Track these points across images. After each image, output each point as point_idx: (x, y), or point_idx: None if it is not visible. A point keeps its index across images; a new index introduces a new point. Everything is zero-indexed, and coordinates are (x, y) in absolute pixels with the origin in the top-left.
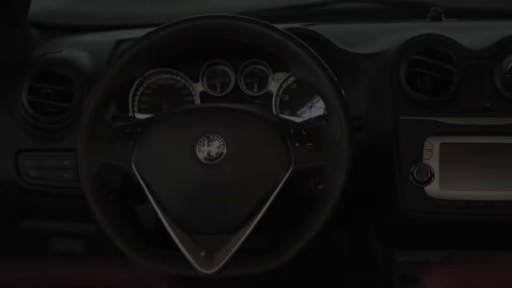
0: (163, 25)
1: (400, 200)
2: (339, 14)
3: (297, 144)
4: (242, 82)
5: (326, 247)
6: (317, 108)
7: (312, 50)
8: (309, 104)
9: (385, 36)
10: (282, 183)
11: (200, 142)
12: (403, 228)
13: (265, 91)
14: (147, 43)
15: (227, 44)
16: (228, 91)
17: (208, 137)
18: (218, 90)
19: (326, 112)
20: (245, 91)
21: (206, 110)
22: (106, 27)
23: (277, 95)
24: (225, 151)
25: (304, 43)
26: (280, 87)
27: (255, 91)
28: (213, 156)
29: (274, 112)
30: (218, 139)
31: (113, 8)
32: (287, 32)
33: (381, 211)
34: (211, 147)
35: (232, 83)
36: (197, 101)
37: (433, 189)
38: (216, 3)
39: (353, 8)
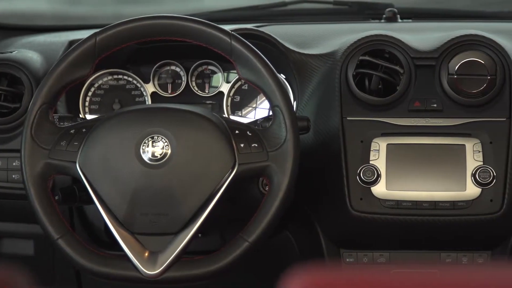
0: (109, 25)
1: (347, 201)
2: (297, 15)
3: (242, 145)
4: (194, 83)
5: (276, 247)
6: (263, 109)
7: (257, 50)
8: (258, 105)
9: (338, 37)
10: (226, 184)
11: (145, 143)
12: (350, 228)
13: (217, 91)
14: (93, 43)
15: (179, 44)
16: (179, 91)
17: (152, 137)
18: (169, 91)
19: (271, 113)
20: (196, 92)
21: (151, 111)
22: (61, 28)
23: (228, 95)
24: (169, 151)
25: (249, 43)
26: (231, 87)
27: (207, 91)
28: (157, 157)
29: (225, 113)
30: (163, 139)
31: (70, 9)
32: (232, 32)
33: (328, 211)
34: (155, 148)
35: (183, 83)
36: (148, 101)
37: (379, 189)
38: (170, 5)
39: (310, 9)
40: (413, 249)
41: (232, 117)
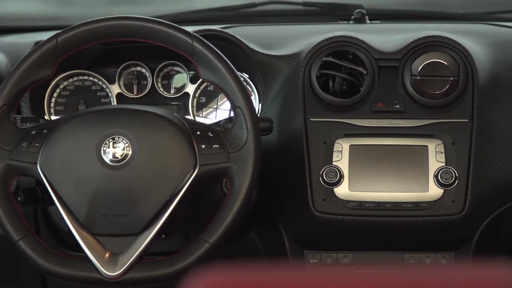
0: (71, 26)
1: (309, 202)
2: (267, 16)
3: (203, 146)
4: (159, 84)
5: (241, 248)
6: (224, 110)
7: (218, 52)
8: (219, 106)
9: (305, 38)
10: (187, 185)
11: (105, 144)
12: (313, 229)
13: (182, 92)
14: (54, 43)
15: (144, 45)
16: (145, 92)
17: (113, 138)
18: (135, 92)
19: (233, 114)
20: (161, 93)
21: (111, 112)
22: (30, 29)
23: (193, 96)
24: (130, 152)
25: (210, 44)
26: (197, 88)
27: (172, 92)
28: (118, 158)
29: (191, 114)
30: (123, 140)
31: (37, 10)
32: (194, 33)
33: (292, 212)
34: (116, 149)
35: (149, 84)
36: (114, 102)
37: (342, 190)
38: (142, 7)
39: (280, 10)
40: (376, 250)
41: (195, 118)
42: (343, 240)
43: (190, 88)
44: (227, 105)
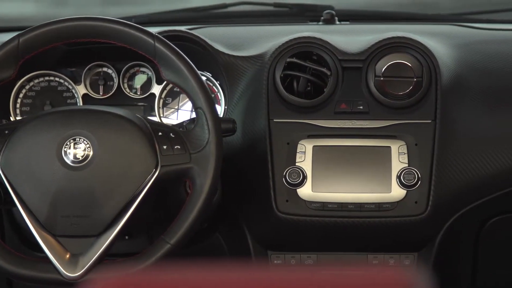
0: (33, 26)
1: (273, 203)
2: (238, 17)
3: (165, 147)
4: (125, 85)
5: (206, 249)
6: (186, 111)
7: (181, 52)
8: (180, 107)
9: (272, 39)
10: (148, 185)
11: (66, 144)
12: (277, 230)
13: (148, 93)
14: (15, 44)
15: (111, 46)
16: (111, 93)
17: (74, 139)
18: (101, 93)
19: (195, 115)
20: (128, 94)
21: (72, 112)
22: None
23: (160, 97)
24: (91, 153)
25: (173, 45)
26: (163, 89)
27: (139, 93)
28: (79, 158)
29: (157, 115)
30: (84, 141)
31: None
32: (156, 34)
33: (255, 213)
34: (77, 150)
35: (115, 85)
36: (80, 103)
37: (305, 191)
38: (111, 8)
39: (251, 11)
40: (340, 250)
41: (155, 119)
42: (307, 241)
43: (156, 89)
44: (190, 105)
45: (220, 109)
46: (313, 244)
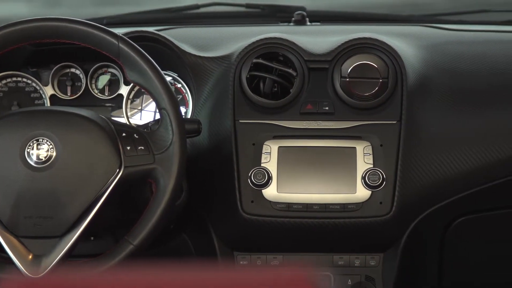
0: None
1: (238, 204)
2: (210, 18)
3: (129, 148)
4: (93, 85)
5: (173, 250)
6: (149, 111)
7: (145, 53)
8: (144, 107)
9: (241, 40)
10: (112, 186)
11: (29, 145)
12: (242, 231)
13: (116, 94)
14: None
15: (78, 46)
16: (78, 94)
17: (37, 140)
18: (69, 94)
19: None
20: (96, 95)
21: (35, 113)
22: None
23: (127, 98)
24: (54, 154)
25: (137, 46)
26: (131, 90)
27: (106, 94)
28: (42, 159)
29: (124, 115)
30: (47, 142)
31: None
32: (120, 35)
33: (221, 214)
34: (40, 151)
35: (83, 86)
36: (47, 104)
37: (270, 192)
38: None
39: (223, 12)
40: (306, 251)
41: (123, 120)
42: (272, 242)
43: (124, 90)
44: (152, 106)
45: (188, 110)
46: (279, 245)
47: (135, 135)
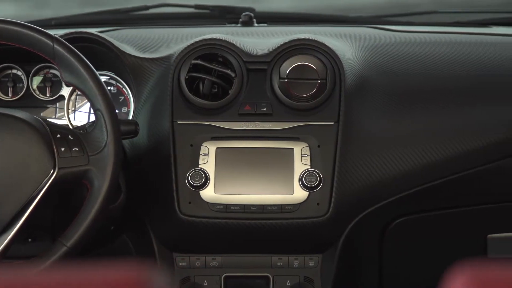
0: None
1: (175, 205)
2: (160, 19)
3: (63, 149)
4: (35, 86)
5: (114, 251)
6: (84, 112)
7: (80, 54)
8: (77, 108)
9: (184, 41)
10: (45, 188)
11: None
12: (180, 232)
13: (58, 95)
14: None
15: (20, 48)
16: (20, 95)
17: None
18: (10, 95)
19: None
20: (37, 96)
21: None
22: None
23: (69, 99)
24: None
25: (72, 47)
26: (72, 91)
27: (48, 95)
28: None
29: (66, 117)
30: None
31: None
32: (55, 36)
33: (159, 215)
34: None
35: (25, 87)
36: None
37: (208, 193)
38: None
39: (172, 13)
40: (245, 252)
41: (64, 121)
42: (211, 243)
43: (65, 91)
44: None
45: (130, 111)
46: (218, 246)
47: (69, 136)
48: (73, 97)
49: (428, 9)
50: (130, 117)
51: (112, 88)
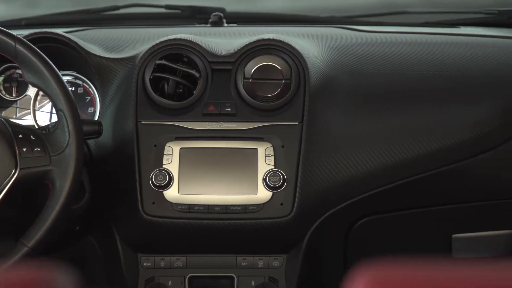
0: None
1: (139, 205)
2: (130, 19)
3: (25, 149)
4: (1, 87)
5: (80, 252)
6: (45, 112)
7: (42, 54)
8: (38, 108)
9: (150, 41)
10: (7, 188)
11: None
12: (144, 232)
13: (24, 95)
14: None
15: None
16: None
17: None
18: None
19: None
20: (3, 96)
21: None
22: None
23: (35, 99)
24: None
25: (34, 47)
26: (38, 91)
27: (14, 95)
28: None
29: (32, 116)
30: None
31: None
32: (17, 36)
33: (123, 215)
34: None
35: None
36: None
37: (172, 193)
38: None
39: (143, 13)
40: (210, 253)
41: (36, 121)
42: (175, 243)
43: (31, 91)
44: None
45: (96, 111)
46: (182, 247)
47: (31, 136)
48: (39, 97)
49: (398, 10)
50: (96, 117)
51: (78, 88)
